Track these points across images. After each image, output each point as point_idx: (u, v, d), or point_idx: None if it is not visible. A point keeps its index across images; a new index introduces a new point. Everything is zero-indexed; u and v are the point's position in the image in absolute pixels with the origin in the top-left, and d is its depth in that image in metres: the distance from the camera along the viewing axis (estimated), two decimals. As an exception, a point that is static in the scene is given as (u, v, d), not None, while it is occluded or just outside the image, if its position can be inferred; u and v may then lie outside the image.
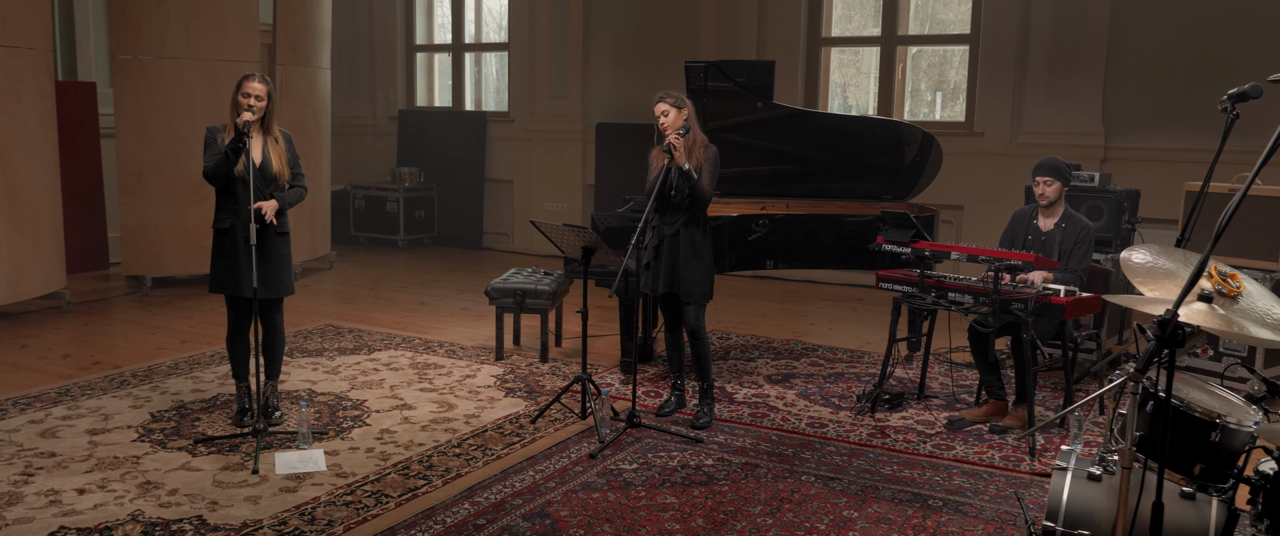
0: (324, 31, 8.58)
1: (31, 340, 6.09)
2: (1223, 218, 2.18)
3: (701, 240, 4.67)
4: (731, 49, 8.77)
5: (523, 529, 3.55)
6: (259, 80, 4.41)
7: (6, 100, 6.24)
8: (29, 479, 3.89)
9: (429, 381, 5.35)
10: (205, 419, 4.67)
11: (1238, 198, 2.22)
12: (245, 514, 3.61)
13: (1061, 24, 7.63)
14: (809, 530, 3.59)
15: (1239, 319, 2.49)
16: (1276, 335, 2.48)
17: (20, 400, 4.88)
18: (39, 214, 6.53)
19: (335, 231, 10.22)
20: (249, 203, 4.23)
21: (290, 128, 7.99)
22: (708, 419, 4.73)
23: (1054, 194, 4.85)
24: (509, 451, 4.32)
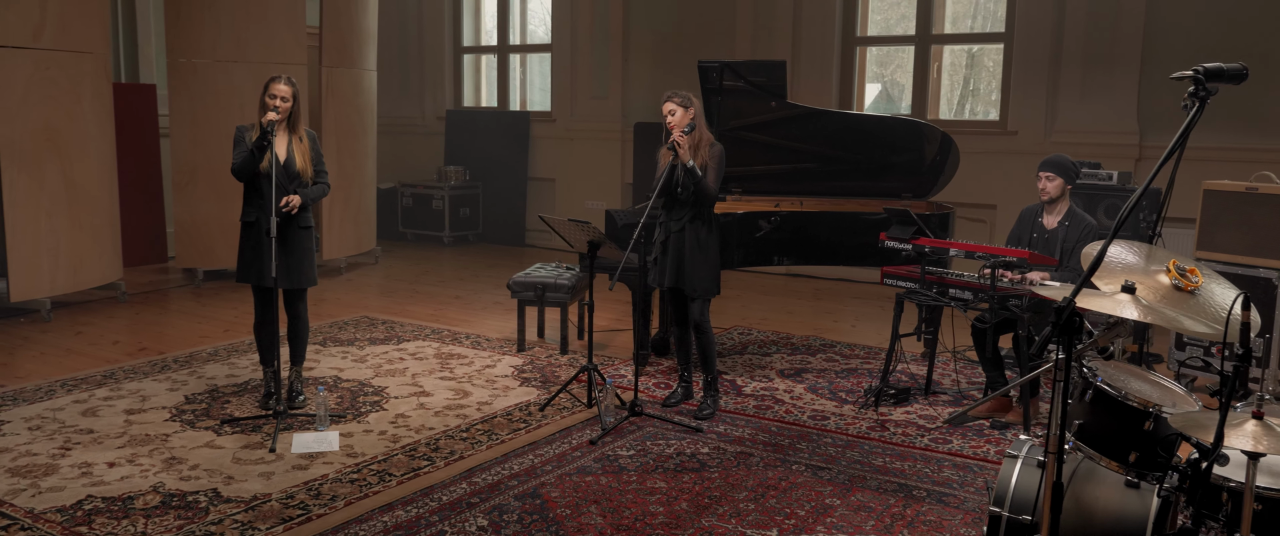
0: (370, 34, 8.89)
1: (87, 328, 6.47)
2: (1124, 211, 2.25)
3: (707, 236, 4.80)
4: (767, 49, 8.86)
5: (513, 507, 3.73)
6: (285, 82, 4.66)
7: (66, 102, 6.63)
8: (66, 452, 4.20)
9: (450, 371, 5.57)
10: (234, 402, 4.95)
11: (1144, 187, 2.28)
12: (257, 488, 3.85)
13: (1096, 22, 7.58)
14: (788, 515, 3.71)
15: (1169, 310, 2.55)
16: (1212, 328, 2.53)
17: (68, 382, 5.22)
18: (97, 209, 6.92)
19: (384, 228, 10.58)
20: (273, 198, 4.48)
21: (336, 128, 8.38)
22: (711, 410, 4.86)
23: (1056, 190, 4.87)
24: (514, 437, 4.51)
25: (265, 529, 3.50)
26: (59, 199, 6.60)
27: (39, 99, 6.44)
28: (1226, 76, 2.21)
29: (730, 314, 7.26)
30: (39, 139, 6.44)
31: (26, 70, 6.35)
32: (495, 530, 3.54)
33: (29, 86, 6.37)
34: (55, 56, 6.53)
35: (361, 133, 8.77)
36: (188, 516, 3.58)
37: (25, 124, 6.36)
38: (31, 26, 6.35)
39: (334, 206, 8.45)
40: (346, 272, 8.69)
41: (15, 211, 6.34)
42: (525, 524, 3.59)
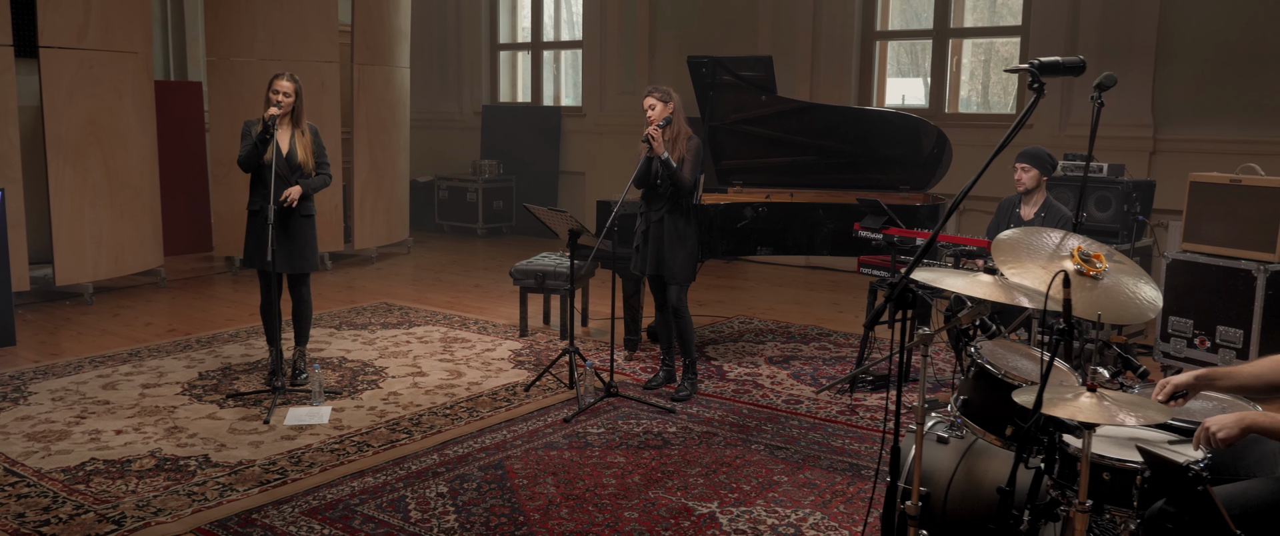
0: (402, 33, 9.24)
1: (124, 311, 6.91)
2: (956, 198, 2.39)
3: (685, 225, 4.99)
4: (788, 43, 8.99)
5: (475, 477, 3.98)
6: (288, 79, 4.98)
7: (109, 99, 7.08)
8: (81, 421, 4.57)
9: (450, 353, 5.85)
10: (243, 378, 5.29)
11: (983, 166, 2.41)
12: (244, 455, 4.17)
13: (1110, 15, 7.55)
14: (732, 489, 3.89)
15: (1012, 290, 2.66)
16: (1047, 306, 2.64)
17: (97, 359, 5.63)
18: (138, 200, 7.37)
19: (421, 220, 10.96)
20: (273, 187, 4.79)
21: (368, 122, 8.75)
22: (688, 392, 5.05)
23: (1031, 181, 4.96)
24: (493, 414, 4.76)
25: (243, 490, 3.81)
26: (102, 190, 7.06)
27: (83, 96, 6.89)
28: (1062, 69, 2.33)
29: (738, 303, 7.43)
30: (83, 133, 6.90)
31: (72, 69, 6.80)
32: (453, 496, 3.79)
33: (74, 84, 6.82)
34: (98, 56, 6.98)
35: (393, 127, 9.13)
36: (176, 478, 3.91)
37: (70, 119, 6.82)
38: (76, 28, 6.81)
39: (365, 198, 8.82)
40: (377, 262, 9.06)
41: (60, 201, 6.81)
42: (481, 491, 3.84)
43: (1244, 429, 2.30)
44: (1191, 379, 2.59)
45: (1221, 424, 2.32)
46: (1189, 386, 2.58)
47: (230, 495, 3.75)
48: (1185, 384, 2.58)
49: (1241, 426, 2.30)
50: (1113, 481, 2.45)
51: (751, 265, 9.11)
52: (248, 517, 3.57)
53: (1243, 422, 2.30)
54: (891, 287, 2.22)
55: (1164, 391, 2.59)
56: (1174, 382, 2.58)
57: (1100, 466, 2.49)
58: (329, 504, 3.70)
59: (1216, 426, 2.33)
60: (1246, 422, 2.30)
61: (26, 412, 4.68)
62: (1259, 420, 2.29)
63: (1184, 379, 2.59)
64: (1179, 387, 2.58)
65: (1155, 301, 2.84)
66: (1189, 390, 2.59)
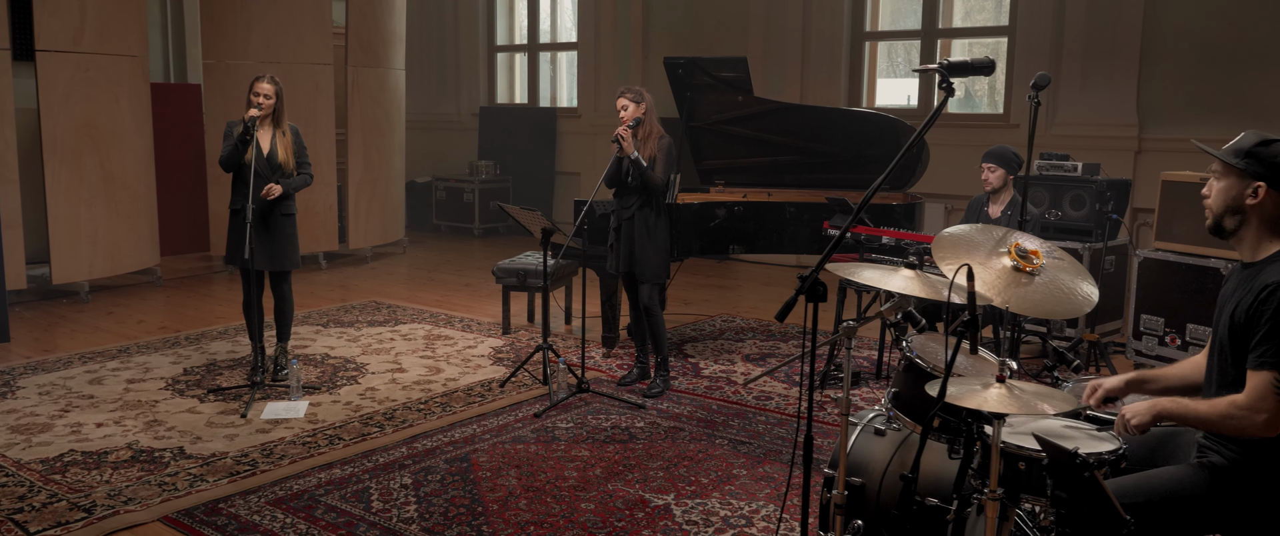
0: (397, 36, 9.36)
1: (118, 309, 7.05)
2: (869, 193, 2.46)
3: (655, 223, 5.07)
4: (778, 44, 9.06)
5: (440, 469, 4.08)
6: (268, 81, 5.09)
7: (105, 101, 7.23)
8: (64, 414, 4.69)
9: (432, 350, 5.96)
10: (226, 374, 5.41)
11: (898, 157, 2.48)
12: (218, 447, 4.28)
13: (1095, 14, 7.59)
14: (691, 483, 3.97)
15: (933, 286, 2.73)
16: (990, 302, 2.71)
17: (87, 354, 5.76)
18: (133, 200, 7.51)
19: (419, 220, 11.09)
20: (253, 186, 4.90)
21: (362, 124, 8.87)
22: (660, 388, 5.14)
23: (998, 180, 5.02)
24: (466, 409, 4.86)
25: (213, 480, 3.92)
26: (97, 190, 7.20)
27: (79, 98, 7.04)
28: (970, 69, 2.40)
29: (723, 302, 7.51)
30: (79, 135, 7.04)
31: (67, 72, 6.95)
32: (416, 487, 3.89)
33: (70, 87, 6.97)
34: (94, 59, 7.12)
35: (388, 129, 9.25)
36: (149, 469, 4.02)
37: (66, 121, 6.96)
38: (72, 32, 6.95)
39: (359, 199, 8.94)
40: (372, 261, 9.18)
41: (56, 201, 6.95)
42: (444, 483, 3.93)
43: (1156, 416, 2.37)
44: (1122, 384, 2.65)
45: (1135, 412, 2.40)
46: (1119, 391, 2.64)
47: (200, 485, 3.86)
48: (1116, 389, 2.64)
49: (1153, 413, 2.37)
50: (1028, 471, 2.52)
51: (742, 264, 9.18)
52: (214, 507, 3.68)
53: (1155, 410, 2.37)
54: (801, 279, 2.29)
55: (1095, 396, 2.66)
56: (1105, 388, 2.65)
57: (1017, 456, 2.55)
58: (294, 494, 3.80)
59: (1131, 414, 2.40)
60: (1158, 409, 2.37)
61: (13, 406, 4.80)
62: (1170, 407, 2.36)
63: (1115, 383, 2.65)
64: (1110, 393, 2.64)
65: (1091, 297, 2.91)
66: (1120, 394, 2.65)
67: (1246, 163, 2.35)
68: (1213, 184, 2.44)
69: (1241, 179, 2.36)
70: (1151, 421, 2.38)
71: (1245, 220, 2.38)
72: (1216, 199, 2.42)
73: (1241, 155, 2.37)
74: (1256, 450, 2.31)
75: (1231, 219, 2.40)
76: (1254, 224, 2.37)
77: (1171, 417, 2.38)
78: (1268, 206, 2.35)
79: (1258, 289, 2.28)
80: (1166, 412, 2.37)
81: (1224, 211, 2.41)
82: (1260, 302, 2.26)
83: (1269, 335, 2.23)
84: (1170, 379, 2.64)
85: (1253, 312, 2.27)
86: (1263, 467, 2.31)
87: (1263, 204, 2.35)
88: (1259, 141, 2.36)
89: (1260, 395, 2.22)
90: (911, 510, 2.55)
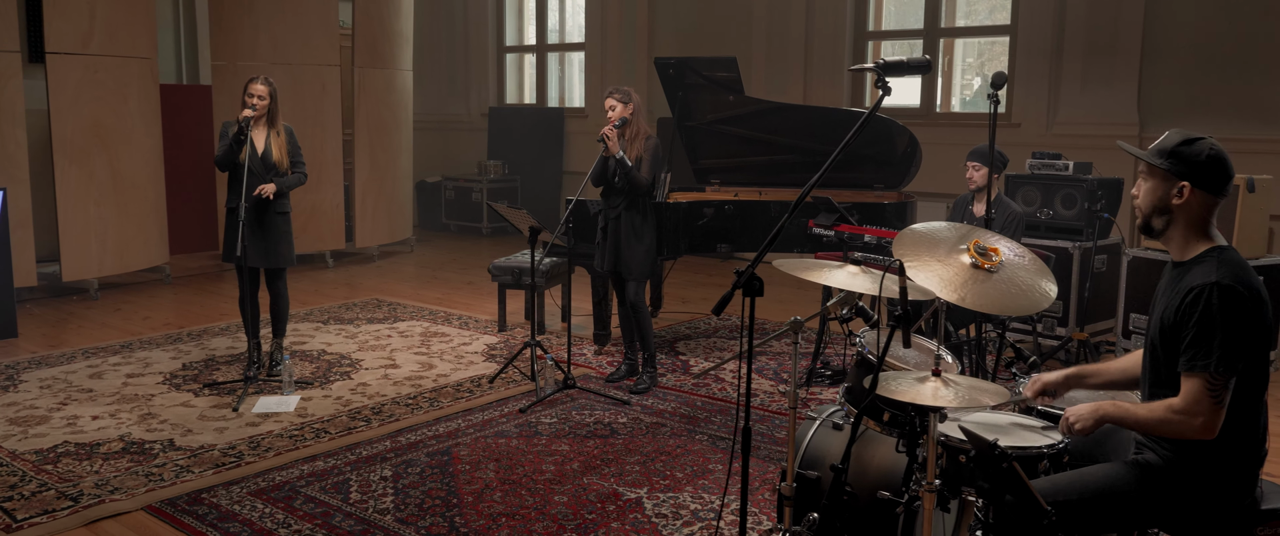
0: (404, 37, 9.47)
1: (126, 306, 7.19)
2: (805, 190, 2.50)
3: (641, 222, 5.13)
4: (781, 44, 9.09)
5: (421, 462, 4.16)
6: (262, 82, 5.20)
7: (114, 102, 7.38)
8: (62, 407, 4.82)
9: (427, 347, 6.05)
10: (223, 369, 5.52)
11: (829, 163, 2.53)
12: (207, 439, 4.38)
13: (1097, 13, 7.57)
14: (666, 477, 4.03)
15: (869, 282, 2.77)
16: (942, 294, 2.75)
17: (91, 350, 5.90)
18: (142, 199, 7.66)
19: (429, 220, 11.22)
20: (247, 185, 5.00)
21: (368, 124, 8.99)
22: (647, 385, 5.19)
23: (982, 179, 5.03)
24: (454, 404, 4.94)
25: (198, 471, 4.02)
26: (106, 189, 7.35)
27: (88, 99, 7.19)
28: (907, 69, 2.45)
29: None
30: (88, 135, 7.19)
31: (77, 74, 7.10)
32: (395, 479, 3.97)
33: (79, 88, 7.12)
34: (104, 61, 7.27)
35: (394, 129, 9.36)
36: (138, 460, 4.12)
37: (75, 121, 7.11)
38: (81, 35, 7.10)
39: (366, 198, 9.06)
40: (379, 260, 9.30)
41: (66, 200, 7.10)
42: (423, 475, 4.01)
43: (1098, 420, 2.40)
44: (1061, 378, 2.68)
45: (1078, 415, 2.42)
46: (1058, 385, 2.68)
47: (185, 476, 3.96)
48: (1055, 382, 2.67)
49: (1095, 417, 2.40)
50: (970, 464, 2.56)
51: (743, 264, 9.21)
52: (197, 497, 3.78)
53: (1097, 413, 2.40)
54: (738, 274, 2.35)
55: (1034, 388, 2.69)
56: (1044, 381, 2.68)
57: (960, 450, 2.59)
58: (276, 485, 3.89)
59: (1074, 417, 2.43)
60: (1100, 413, 2.39)
61: (14, 399, 4.93)
62: (1112, 411, 2.38)
63: (1054, 377, 2.69)
64: (1049, 386, 2.67)
65: (1050, 293, 2.94)
66: (1059, 388, 2.68)
67: (1170, 163, 2.37)
68: (1140, 184, 2.46)
69: (1166, 179, 2.38)
70: (1095, 425, 2.41)
71: (1172, 220, 2.39)
72: (1144, 199, 2.44)
73: (1164, 155, 2.38)
74: (1189, 449, 2.34)
75: (1159, 219, 2.42)
76: (1181, 223, 2.39)
77: (1113, 421, 2.40)
78: (1193, 206, 2.36)
79: (1183, 291, 2.30)
80: (1108, 416, 2.39)
81: (1151, 211, 2.42)
82: (1187, 305, 2.28)
83: (1197, 339, 2.24)
84: (1111, 373, 2.66)
85: (1180, 315, 2.29)
86: (1194, 466, 2.34)
87: (1188, 203, 2.36)
88: (1182, 140, 2.38)
89: (1195, 399, 2.24)
90: (841, 500, 2.60)
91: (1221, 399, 2.22)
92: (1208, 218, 2.38)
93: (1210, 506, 2.35)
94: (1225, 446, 2.32)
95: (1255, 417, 2.35)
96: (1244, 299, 2.25)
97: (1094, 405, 2.43)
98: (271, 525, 3.54)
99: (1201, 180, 2.34)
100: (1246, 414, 2.33)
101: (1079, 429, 2.43)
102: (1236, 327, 2.23)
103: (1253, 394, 2.33)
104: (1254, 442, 2.35)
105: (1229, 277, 2.27)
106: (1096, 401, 2.48)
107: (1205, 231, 2.39)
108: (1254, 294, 2.28)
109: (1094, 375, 2.69)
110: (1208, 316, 2.24)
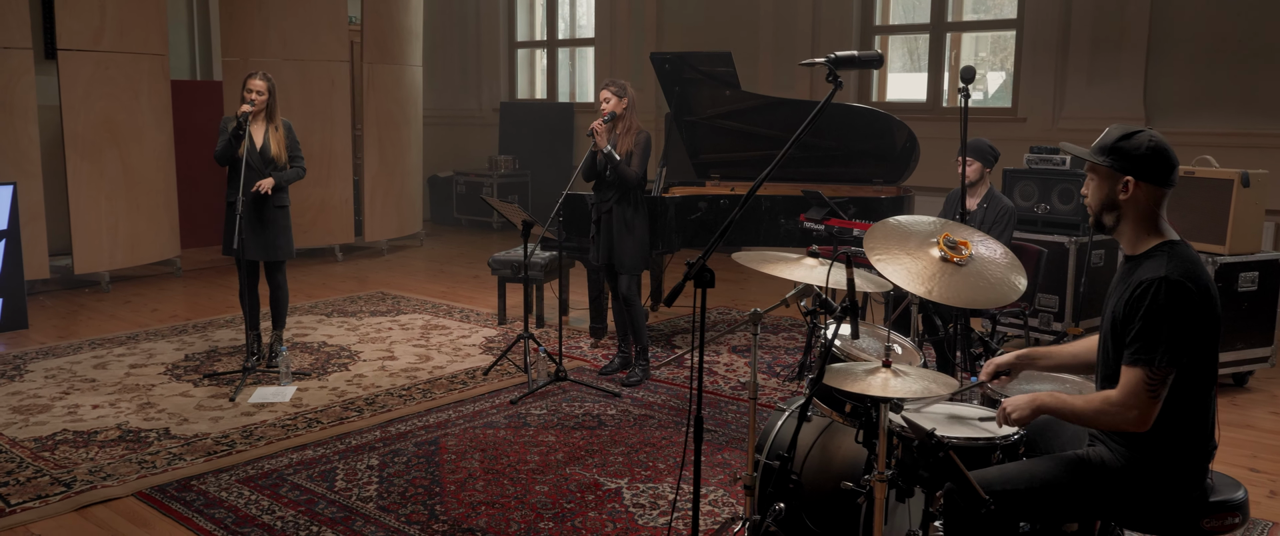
0: (413, 33, 9.55)
1: (136, 298, 7.32)
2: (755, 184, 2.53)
3: (633, 216, 5.17)
4: (788, 40, 9.10)
5: (408, 452, 4.22)
6: (260, 78, 5.27)
7: (125, 98, 7.50)
8: (65, 396, 4.93)
9: (426, 339, 6.12)
10: (225, 360, 5.62)
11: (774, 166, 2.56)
12: (202, 428, 4.47)
13: (1103, 6, 7.52)
14: (648, 468, 4.07)
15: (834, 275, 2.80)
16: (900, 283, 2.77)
17: (97, 340, 6.02)
18: (152, 193, 7.79)
19: (441, 214, 11.31)
20: (245, 179, 5.09)
21: (377, 120, 9.08)
22: (639, 377, 5.24)
23: (974, 174, 5.04)
24: (447, 395, 5.00)
25: (190, 459, 4.10)
26: (118, 184, 7.48)
27: (99, 96, 7.31)
28: (858, 63, 2.47)
29: (726, 295, 7.58)
30: (99, 131, 7.32)
31: (88, 70, 7.23)
32: (381, 468, 4.03)
33: (90, 85, 7.25)
34: (114, 58, 7.39)
35: (403, 124, 9.45)
36: (133, 448, 4.22)
37: (87, 117, 7.24)
38: (92, 32, 7.23)
39: (375, 192, 9.16)
40: (388, 254, 9.39)
41: (78, 194, 7.23)
42: (409, 464, 4.08)
43: (1034, 410, 2.42)
44: (1013, 359, 2.70)
45: (1015, 405, 2.44)
46: (1011, 366, 2.70)
47: (177, 464, 4.05)
48: (1007, 364, 2.70)
49: (1032, 407, 2.41)
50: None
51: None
52: (186, 483, 3.86)
53: (1033, 404, 2.41)
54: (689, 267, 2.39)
55: (987, 371, 2.72)
56: (995, 363, 2.70)
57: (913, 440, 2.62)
58: (264, 473, 3.97)
59: (1011, 407, 2.45)
60: (1037, 403, 2.41)
61: (18, 388, 5.05)
62: (1048, 402, 2.40)
63: (1006, 359, 2.71)
64: (1000, 367, 2.70)
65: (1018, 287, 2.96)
66: (1011, 369, 2.70)
67: (1111, 159, 2.38)
68: (1088, 183, 2.47)
69: (1110, 175, 2.39)
70: (1032, 414, 2.43)
71: (1122, 215, 2.40)
72: (1092, 197, 2.45)
73: (1105, 152, 2.40)
74: (1139, 443, 2.35)
75: (1109, 215, 2.43)
76: (1131, 218, 2.39)
77: (1049, 411, 2.42)
78: (1141, 199, 2.37)
79: (1133, 285, 2.31)
80: (1044, 406, 2.41)
81: (1101, 208, 2.43)
82: (1135, 299, 2.29)
83: (1142, 332, 2.25)
84: (1060, 356, 2.68)
85: (1129, 309, 2.30)
86: (1144, 459, 2.35)
87: (1135, 197, 2.37)
88: (1121, 135, 2.39)
89: (1132, 391, 2.25)
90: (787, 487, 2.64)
91: (1158, 393, 2.23)
92: (1156, 211, 2.39)
93: (1160, 499, 2.36)
94: (1175, 440, 2.33)
95: (1205, 412, 2.36)
96: (1191, 294, 2.26)
97: (1031, 395, 2.44)
98: (256, 511, 3.61)
99: (1145, 173, 2.35)
100: (1196, 409, 2.34)
101: (1015, 418, 2.45)
102: (1182, 323, 2.24)
103: (1202, 389, 2.33)
104: (1203, 437, 2.36)
105: (1178, 273, 2.28)
106: (1035, 391, 2.50)
107: (1155, 225, 2.40)
108: (1202, 289, 2.29)
109: (1045, 357, 2.70)
110: (1154, 311, 2.25)
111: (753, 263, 2.86)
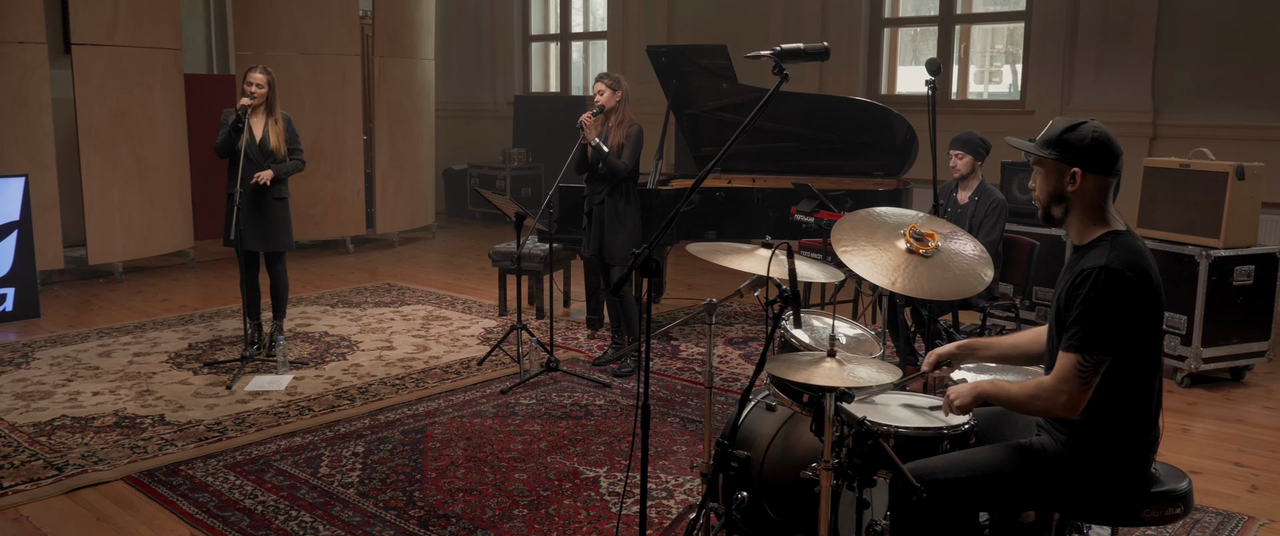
0: (425, 26, 9.63)
1: (148, 288, 7.46)
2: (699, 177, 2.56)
3: (625, 208, 5.20)
4: (796, 32, 9.07)
5: (394, 439, 4.29)
6: (260, 71, 5.36)
7: (138, 91, 7.64)
8: (67, 383, 5.05)
9: (425, 330, 6.19)
10: (226, 349, 5.72)
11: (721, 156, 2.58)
12: (196, 415, 4.57)
13: None
14: (628, 456, 4.11)
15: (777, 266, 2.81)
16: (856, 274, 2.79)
17: (105, 329, 6.14)
18: (165, 185, 7.93)
19: (455, 206, 11.41)
20: (244, 171, 5.18)
21: (388, 113, 9.17)
22: (629, 368, 5.28)
23: (965, 167, 5.03)
24: (439, 385, 5.07)
25: (181, 445, 4.20)
26: (131, 176, 7.62)
27: (113, 89, 7.45)
28: (804, 55, 2.49)
29: (729, 286, 7.58)
30: (113, 124, 7.46)
31: (102, 64, 7.36)
32: (366, 455, 4.11)
33: (104, 78, 7.39)
34: (128, 52, 7.53)
35: (415, 117, 9.54)
36: (128, 433, 4.32)
37: (100, 111, 7.38)
38: (105, 26, 7.36)
39: (386, 185, 9.26)
40: (399, 246, 9.49)
41: (92, 186, 7.38)
42: (394, 452, 4.14)
43: (976, 397, 2.43)
44: (955, 348, 2.72)
45: (958, 393, 2.46)
46: (952, 356, 2.71)
47: (168, 449, 4.14)
48: (949, 353, 2.71)
49: (973, 394, 2.43)
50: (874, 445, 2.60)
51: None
52: (175, 468, 3.95)
53: (975, 391, 2.43)
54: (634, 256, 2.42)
55: (930, 361, 2.73)
56: (937, 353, 2.72)
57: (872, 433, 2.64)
58: (251, 459, 4.06)
59: (954, 395, 2.47)
60: (978, 391, 2.43)
61: (24, 375, 5.18)
62: (989, 389, 2.41)
63: (948, 349, 2.72)
64: (942, 357, 2.71)
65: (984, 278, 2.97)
66: (953, 359, 2.72)
67: (1056, 152, 2.38)
68: (1035, 176, 2.48)
69: (1056, 168, 2.39)
70: (974, 401, 2.44)
71: (1070, 206, 2.41)
72: (1040, 190, 2.46)
73: (1050, 145, 2.40)
74: (1082, 432, 2.36)
75: (1057, 207, 2.43)
76: (1078, 209, 2.40)
77: (990, 397, 2.43)
78: (1088, 190, 2.38)
79: (1076, 273, 2.32)
80: (985, 393, 2.43)
81: (1049, 201, 2.44)
82: (1076, 286, 2.30)
83: (1079, 318, 2.27)
84: (1002, 346, 2.70)
85: (1069, 297, 2.31)
86: (1087, 449, 2.36)
87: (1082, 189, 2.38)
88: (1065, 127, 2.40)
89: (1063, 376, 2.26)
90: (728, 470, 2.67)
91: (1089, 380, 2.24)
92: (1102, 201, 2.40)
93: (1101, 487, 2.37)
94: (1115, 429, 2.34)
95: (1147, 401, 2.36)
96: (1130, 283, 2.27)
97: (974, 383, 2.46)
98: (239, 496, 3.70)
99: (1090, 164, 2.36)
100: (1138, 398, 2.34)
101: (958, 406, 2.47)
102: (1119, 311, 2.25)
103: (1143, 378, 2.34)
104: (1145, 426, 2.37)
105: (1119, 262, 2.29)
106: (977, 380, 2.51)
107: (1102, 215, 2.40)
108: (1143, 279, 2.29)
109: (986, 347, 2.72)
110: (1091, 298, 2.26)
111: (706, 254, 2.89)
